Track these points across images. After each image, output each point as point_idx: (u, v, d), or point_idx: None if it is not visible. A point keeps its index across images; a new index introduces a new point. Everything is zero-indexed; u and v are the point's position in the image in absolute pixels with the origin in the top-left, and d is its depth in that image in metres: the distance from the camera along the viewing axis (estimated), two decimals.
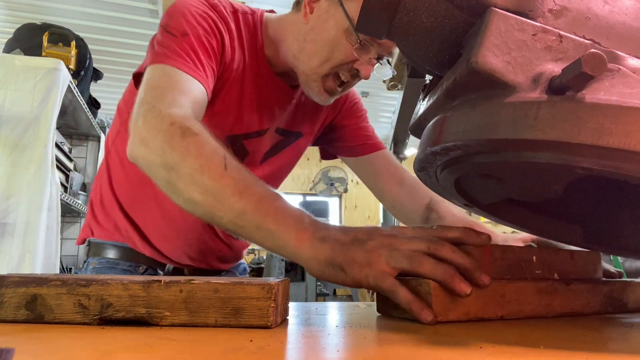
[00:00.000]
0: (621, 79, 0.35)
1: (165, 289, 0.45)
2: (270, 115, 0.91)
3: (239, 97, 0.86)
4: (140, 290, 0.45)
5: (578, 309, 0.63)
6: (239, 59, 0.84)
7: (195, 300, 0.45)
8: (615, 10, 0.42)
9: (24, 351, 0.33)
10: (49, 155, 1.90)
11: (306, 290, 4.75)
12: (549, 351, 0.37)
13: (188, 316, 0.45)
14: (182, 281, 0.46)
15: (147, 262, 0.95)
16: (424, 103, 0.54)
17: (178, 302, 0.45)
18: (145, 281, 0.46)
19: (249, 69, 0.86)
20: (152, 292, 0.45)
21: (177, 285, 0.45)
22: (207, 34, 0.76)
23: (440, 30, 0.46)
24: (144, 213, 0.94)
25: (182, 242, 0.94)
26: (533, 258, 0.62)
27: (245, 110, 0.87)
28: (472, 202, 0.64)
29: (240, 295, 0.45)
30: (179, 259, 0.96)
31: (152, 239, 0.94)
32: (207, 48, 0.75)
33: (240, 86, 0.85)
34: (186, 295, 0.45)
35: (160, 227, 0.94)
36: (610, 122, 0.33)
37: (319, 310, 0.63)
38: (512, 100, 0.38)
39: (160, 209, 0.93)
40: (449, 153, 0.46)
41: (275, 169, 0.97)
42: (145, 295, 0.45)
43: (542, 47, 0.39)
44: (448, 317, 0.53)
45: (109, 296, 0.45)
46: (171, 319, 0.45)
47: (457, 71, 0.42)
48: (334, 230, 0.53)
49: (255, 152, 0.92)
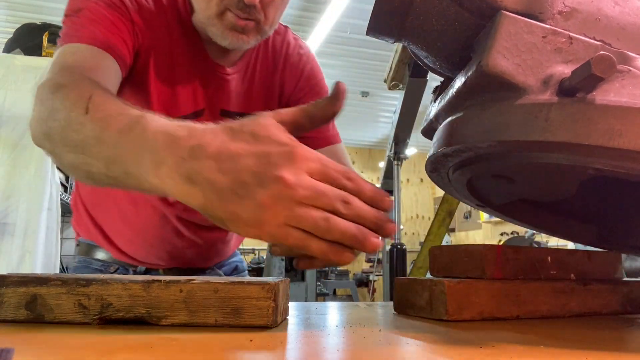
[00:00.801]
0: (631, 80, 0.35)
1: (165, 288, 0.45)
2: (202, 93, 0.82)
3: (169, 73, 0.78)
4: (140, 290, 0.45)
5: (596, 309, 0.63)
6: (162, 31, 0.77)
7: (195, 300, 0.45)
8: (626, 11, 0.42)
9: (24, 351, 0.34)
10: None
11: (306, 290, 4.76)
12: (549, 350, 0.37)
13: (188, 316, 0.45)
14: (182, 281, 0.45)
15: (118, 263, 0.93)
16: (435, 105, 0.54)
17: (178, 302, 0.45)
18: (145, 281, 0.46)
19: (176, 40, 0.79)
20: (152, 292, 0.45)
21: (177, 285, 0.45)
22: (107, 6, 0.71)
23: (451, 33, 0.47)
24: (105, 215, 0.92)
25: (143, 242, 0.91)
26: (547, 258, 0.62)
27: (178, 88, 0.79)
28: (484, 202, 0.64)
29: (240, 295, 0.45)
30: (147, 260, 0.93)
31: (115, 241, 0.92)
32: (107, 15, 0.70)
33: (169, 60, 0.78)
34: (186, 295, 0.45)
35: (120, 228, 0.91)
36: (621, 124, 0.33)
37: (319, 310, 0.64)
38: (522, 102, 0.38)
39: (117, 210, 0.90)
40: (461, 155, 0.46)
41: None
42: (145, 295, 0.45)
43: (552, 49, 0.39)
44: (462, 317, 0.54)
45: (109, 296, 0.45)
46: (171, 319, 0.45)
47: (468, 74, 0.43)
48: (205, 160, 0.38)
49: None
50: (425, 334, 0.45)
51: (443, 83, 0.56)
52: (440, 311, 0.54)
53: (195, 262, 0.97)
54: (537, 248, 0.63)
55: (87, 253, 0.96)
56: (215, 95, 0.84)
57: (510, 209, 0.67)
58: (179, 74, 0.80)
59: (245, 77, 0.88)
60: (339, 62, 5.12)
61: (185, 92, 0.81)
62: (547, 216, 0.69)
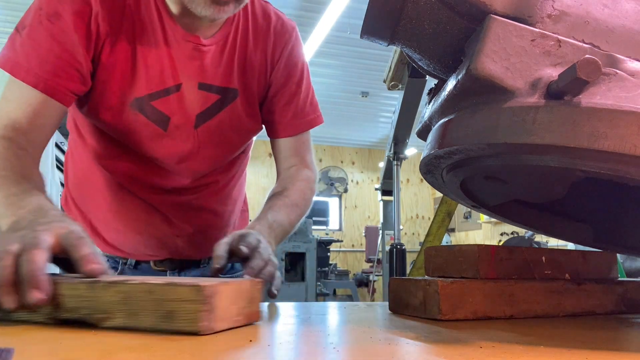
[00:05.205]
0: (618, 82, 0.36)
1: (106, 289, 0.43)
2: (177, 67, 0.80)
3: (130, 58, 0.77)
4: (85, 291, 0.43)
5: (590, 308, 0.63)
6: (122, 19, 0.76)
7: (132, 302, 0.42)
8: (615, 14, 0.43)
9: (24, 351, 0.34)
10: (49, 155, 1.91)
11: (306, 290, 4.76)
12: (548, 350, 0.38)
13: (125, 318, 0.42)
14: (121, 281, 0.43)
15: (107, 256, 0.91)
16: (429, 107, 0.55)
17: (117, 304, 0.42)
18: (91, 281, 0.44)
19: (139, 25, 0.77)
20: (96, 292, 0.43)
21: (117, 286, 0.43)
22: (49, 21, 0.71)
23: (443, 36, 0.48)
24: (93, 206, 0.91)
25: (132, 232, 0.90)
26: (542, 258, 0.63)
27: (141, 68, 0.78)
28: (479, 203, 0.65)
29: (172, 297, 0.41)
30: (135, 251, 0.91)
31: (103, 233, 0.91)
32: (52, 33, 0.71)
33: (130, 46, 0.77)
34: (124, 297, 0.42)
35: (109, 219, 0.90)
36: (606, 126, 0.34)
37: (319, 310, 0.65)
38: (510, 105, 0.39)
39: (104, 199, 0.89)
40: (452, 156, 0.47)
41: (214, 136, 0.86)
42: (89, 296, 0.43)
43: (540, 52, 0.40)
44: (456, 316, 0.54)
45: (59, 296, 0.44)
46: (110, 321, 0.42)
47: (459, 77, 0.43)
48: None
49: (179, 114, 0.82)
50: (422, 334, 0.46)
51: (437, 85, 0.56)
52: (434, 311, 0.55)
53: (187, 251, 0.93)
54: (531, 248, 0.64)
55: None
56: (190, 68, 0.81)
57: (504, 209, 0.68)
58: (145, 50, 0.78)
59: (225, 50, 0.84)
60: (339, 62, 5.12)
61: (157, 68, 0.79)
62: (542, 216, 0.70)
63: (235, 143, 0.91)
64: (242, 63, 0.86)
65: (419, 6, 0.46)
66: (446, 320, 0.54)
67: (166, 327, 0.41)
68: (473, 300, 0.56)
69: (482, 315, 0.56)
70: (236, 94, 0.86)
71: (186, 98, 0.82)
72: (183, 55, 0.80)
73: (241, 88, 0.86)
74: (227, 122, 0.86)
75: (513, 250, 0.62)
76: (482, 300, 0.56)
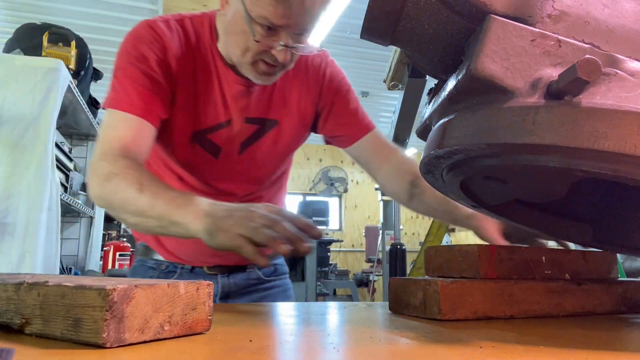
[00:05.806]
0: (618, 82, 0.36)
1: (28, 292, 0.39)
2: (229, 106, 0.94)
3: (192, 96, 0.91)
4: (13, 293, 0.40)
5: (590, 308, 0.63)
6: (188, 62, 0.90)
7: (47, 307, 0.38)
8: (615, 14, 0.43)
9: (24, 351, 0.34)
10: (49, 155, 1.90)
11: (306, 290, 4.75)
12: (548, 350, 0.38)
13: (41, 324, 0.38)
14: (41, 283, 0.39)
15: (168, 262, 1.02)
16: (429, 107, 0.55)
17: (36, 308, 0.39)
18: (17, 282, 0.40)
19: (200, 68, 0.92)
20: (21, 295, 0.40)
21: (37, 288, 0.39)
22: (138, 61, 0.86)
23: (443, 36, 0.48)
24: None
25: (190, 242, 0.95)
26: (542, 258, 0.63)
27: (200, 106, 0.92)
28: (479, 203, 0.65)
29: (80, 303, 0.36)
30: (191, 258, 1.01)
31: (166, 243, 1.01)
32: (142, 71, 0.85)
33: (193, 86, 0.91)
34: (42, 300, 0.38)
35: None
36: (606, 126, 0.34)
37: (319, 310, 0.65)
38: (510, 105, 0.39)
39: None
40: (452, 157, 0.47)
41: (254, 158, 1.00)
42: (16, 299, 0.40)
43: (540, 52, 0.40)
44: (456, 316, 0.54)
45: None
46: (30, 327, 0.39)
47: (459, 77, 0.43)
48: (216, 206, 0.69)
49: (229, 144, 0.96)
50: (422, 334, 0.46)
51: (437, 85, 0.56)
52: (434, 310, 0.55)
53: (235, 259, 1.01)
54: (531, 248, 0.64)
55: (145, 254, 1.06)
56: (240, 105, 0.95)
57: (505, 209, 0.68)
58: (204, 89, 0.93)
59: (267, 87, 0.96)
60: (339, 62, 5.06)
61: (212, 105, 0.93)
62: (542, 216, 0.70)
63: (275, 164, 1.04)
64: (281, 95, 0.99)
65: (418, 6, 0.46)
66: (446, 320, 0.54)
67: (74, 338, 0.36)
68: (473, 300, 0.56)
69: (482, 315, 0.56)
70: (274, 123, 1.00)
71: (234, 130, 0.96)
72: (234, 95, 0.94)
73: (282, 118, 1.00)
74: (266, 146, 0.99)
75: (513, 250, 0.62)
76: (482, 300, 0.56)
